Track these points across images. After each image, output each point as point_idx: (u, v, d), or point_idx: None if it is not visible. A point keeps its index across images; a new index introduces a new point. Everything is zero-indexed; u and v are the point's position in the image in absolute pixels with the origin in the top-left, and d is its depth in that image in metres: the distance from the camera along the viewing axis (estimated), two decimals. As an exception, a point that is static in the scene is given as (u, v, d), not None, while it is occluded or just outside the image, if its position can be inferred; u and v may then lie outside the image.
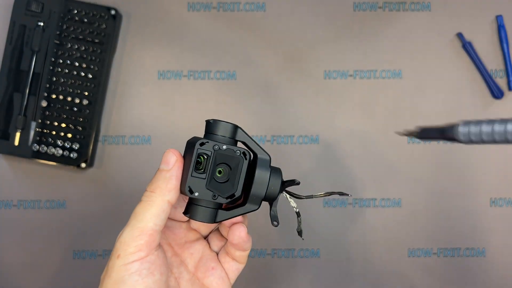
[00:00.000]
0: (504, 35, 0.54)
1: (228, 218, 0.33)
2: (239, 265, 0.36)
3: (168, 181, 0.32)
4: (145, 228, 0.31)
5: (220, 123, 0.33)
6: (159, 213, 0.31)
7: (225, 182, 0.32)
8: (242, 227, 0.34)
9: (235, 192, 0.32)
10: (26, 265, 0.54)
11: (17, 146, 0.52)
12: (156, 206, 0.31)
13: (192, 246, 0.36)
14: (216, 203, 0.32)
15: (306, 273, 0.54)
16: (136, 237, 0.31)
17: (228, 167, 0.32)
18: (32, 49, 0.53)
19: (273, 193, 0.33)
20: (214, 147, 0.32)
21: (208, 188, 0.32)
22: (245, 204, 0.33)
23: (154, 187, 0.32)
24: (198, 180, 0.32)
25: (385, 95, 0.55)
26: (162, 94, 0.55)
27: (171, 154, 0.33)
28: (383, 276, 0.54)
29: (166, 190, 0.32)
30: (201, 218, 0.32)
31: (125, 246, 0.31)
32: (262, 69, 0.55)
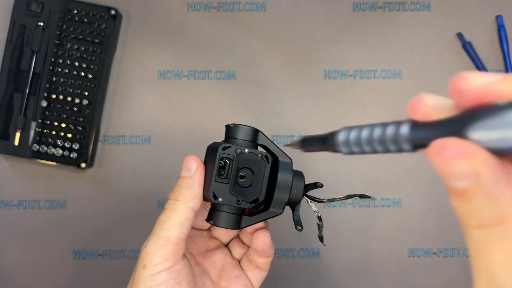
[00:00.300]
0: (504, 35, 0.54)
1: (252, 223, 0.32)
2: (263, 272, 0.35)
3: (191, 188, 0.31)
4: (171, 237, 0.30)
5: (241, 127, 0.33)
6: (183, 221, 0.31)
7: (248, 187, 0.32)
8: (266, 233, 0.33)
9: (259, 196, 0.32)
10: (26, 265, 0.54)
11: (17, 146, 0.52)
12: (181, 214, 0.31)
13: (213, 254, 0.36)
14: (240, 209, 0.32)
15: (306, 273, 0.54)
16: (161, 246, 0.30)
17: (251, 171, 0.32)
18: (32, 49, 0.53)
19: (296, 197, 0.32)
20: (237, 151, 0.31)
21: (231, 193, 0.31)
22: (268, 209, 0.32)
23: (177, 194, 0.31)
24: (222, 185, 0.31)
25: (385, 95, 0.55)
26: (162, 94, 0.55)
27: (191, 160, 0.32)
28: (383, 276, 0.54)
29: (189, 198, 0.31)
30: (225, 224, 0.32)
31: (151, 256, 0.30)
32: (262, 69, 0.55)
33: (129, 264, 0.54)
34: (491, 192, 0.15)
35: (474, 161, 0.15)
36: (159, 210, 0.54)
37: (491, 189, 0.15)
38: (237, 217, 0.32)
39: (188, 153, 0.54)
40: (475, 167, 0.15)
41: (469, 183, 0.15)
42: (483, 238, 0.15)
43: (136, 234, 0.54)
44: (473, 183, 0.15)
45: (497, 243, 0.15)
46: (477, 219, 0.15)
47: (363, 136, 0.21)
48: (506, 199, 0.15)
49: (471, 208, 0.16)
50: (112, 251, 0.54)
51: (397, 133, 0.19)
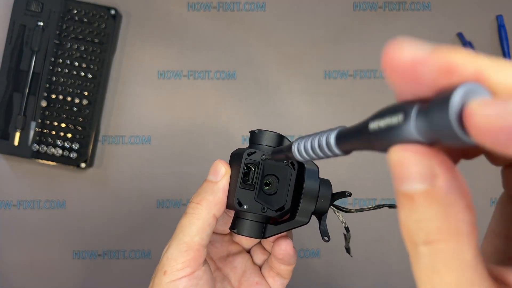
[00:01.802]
0: (505, 35, 0.54)
1: (278, 233, 0.31)
2: (284, 280, 0.35)
3: (215, 194, 0.30)
4: (192, 243, 0.30)
5: (266, 133, 0.32)
6: (204, 227, 0.30)
7: (273, 194, 0.31)
8: (288, 241, 0.32)
9: (284, 204, 0.31)
10: (25, 265, 0.54)
11: (16, 146, 0.52)
12: (202, 219, 0.30)
13: (234, 259, 0.35)
14: (265, 217, 0.31)
15: (306, 273, 0.54)
16: (183, 252, 0.30)
17: (276, 178, 0.31)
18: (32, 49, 0.52)
19: (323, 206, 0.31)
20: (262, 157, 0.30)
21: (257, 200, 0.30)
22: (294, 217, 0.31)
23: (200, 198, 0.31)
24: (247, 192, 0.30)
25: (385, 95, 0.55)
26: (162, 94, 0.55)
27: (220, 165, 0.31)
28: (383, 276, 0.54)
29: (212, 203, 0.30)
30: (249, 233, 0.31)
31: (172, 262, 0.30)
32: (262, 69, 0.55)
33: (129, 264, 0.54)
34: (444, 198, 0.13)
35: (432, 161, 0.14)
36: (159, 210, 0.54)
37: (445, 195, 0.13)
38: (261, 226, 0.31)
39: (187, 153, 0.55)
40: (432, 168, 0.14)
41: (423, 186, 0.14)
42: (432, 257, 0.14)
43: (136, 234, 0.54)
44: (427, 186, 0.14)
45: (449, 262, 0.13)
46: (426, 232, 0.14)
47: (308, 145, 0.22)
48: (458, 208, 0.13)
49: (420, 218, 0.14)
50: (112, 251, 0.54)
51: (328, 142, 0.20)
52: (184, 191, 0.54)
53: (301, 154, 0.22)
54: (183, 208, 0.54)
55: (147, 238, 0.54)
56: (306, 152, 0.22)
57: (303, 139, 0.22)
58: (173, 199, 0.54)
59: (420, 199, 0.13)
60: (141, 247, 0.54)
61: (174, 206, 0.54)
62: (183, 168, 0.54)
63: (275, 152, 0.27)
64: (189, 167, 0.54)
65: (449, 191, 0.13)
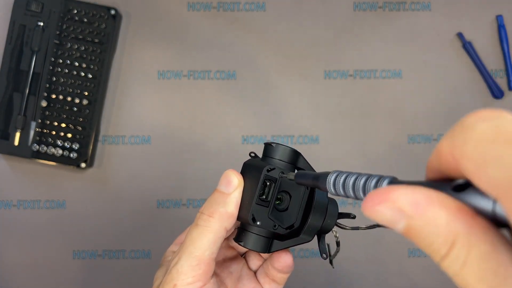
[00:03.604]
0: (505, 35, 0.54)
1: (283, 248, 0.31)
2: (279, 286, 0.35)
3: (228, 206, 0.30)
4: (203, 257, 0.29)
5: (283, 148, 0.31)
6: (216, 240, 0.30)
7: (284, 211, 0.31)
8: (288, 253, 0.32)
9: (294, 222, 0.30)
10: (25, 265, 0.54)
11: (16, 146, 0.52)
12: (214, 233, 0.29)
13: (230, 265, 0.35)
14: (273, 233, 0.31)
15: (306, 273, 0.54)
16: (194, 266, 0.29)
17: (288, 196, 0.31)
18: (32, 49, 0.52)
19: (329, 225, 0.31)
20: (280, 174, 0.30)
21: (270, 218, 0.30)
22: (299, 234, 0.31)
23: (212, 211, 0.30)
24: (261, 208, 0.30)
25: (385, 95, 0.55)
26: (162, 94, 0.55)
27: (233, 175, 0.30)
28: (383, 276, 0.54)
29: (225, 216, 0.30)
30: (256, 247, 0.31)
31: (182, 275, 0.29)
32: (262, 69, 0.55)
33: (129, 264, 0.54)
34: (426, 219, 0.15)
35: (393, 203, 0.16)
36: (159, 210, 0.54)
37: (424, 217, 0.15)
38: (268, 241, 0.31)
39: (188, 153, 0.55)
40: (396, 207, 0.15)
41: (404, 222, 0.15)
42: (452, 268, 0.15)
43: (136, 234, 0.54)
44: (406, 220, 0.15)
45: (464, 267, 0.15)
46: (435, 251, 0.15)
47: (350, 182, 0.21)
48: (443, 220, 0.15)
49: (425, 242, 0.15)
50: (112, 251, 0.54)
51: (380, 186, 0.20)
52: (184, 191, 0.54)
53: (337, 187, 0.22)
54: (183, 208, 0.54)
55: (147, 238, 0.54)
56: (345, 188, 0.21)
57: (343, 173, 0.22)
58: (173, 199, 0.54)
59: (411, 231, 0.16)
60: (141, 247, 0.54)
61: (174, 206, 0.54)
62: (183, 168, 0.54)
63: (301, 176, 0.26)
64: (189, 167, 0.54)
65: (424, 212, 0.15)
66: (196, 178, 0.54)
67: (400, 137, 0.55)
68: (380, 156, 0.55)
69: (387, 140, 0.54)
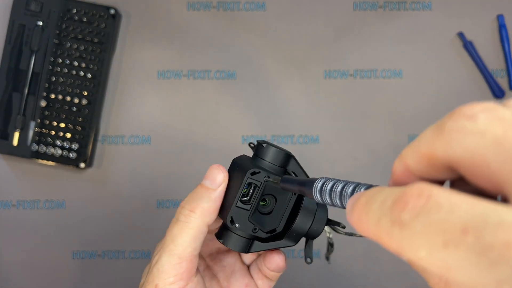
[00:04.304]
0: (505, 34, 0.54)
1: (262, 250, 0.31)
2: (271, 282, 0.34)
3: (212, 202, 0.29)
4: (184, 254, 0.28)
5: (274, 150, 0.30)
6: (198, 236, 0.29)
7: (267, 214, 0.30)
8: (281, 255, 0.32)
9: (277, 227, 0.30)
10: (25, 265, 0.54)
11: (16, 146, 0.52)
12: (196, 228, 0.29)
13: (224, 258, 0.34)
14: (255, 235, 0.30)
15: (306, 273, 0.54)
16: (175, 265, 0.28)
17: (274, 199, 0.30)
18: (31, 49, 0.52)
19: (315, 232, 0.30)
20: (265, 179, 0.29)
21: (250, 221, 0.29)
22: (282, 238, 0.30)
23: (195, 206, 0.29)
24: (242, 211, 0.29)
25: (385, 95, 0.55)
26: (162, 94, 0.55)
27: (218, 171, 0.30)
28: (383, 276, 0.54)
29: (208, 212, 0.29)
30: (235, 246, 0.30)
31: (164, 275, 0.28)
32: (262, 69, 0.55)
33: (129, 264, 0.54)
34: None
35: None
36: (159, 210, 0.54)
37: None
38: (248, 242, 0.30)
39: (187, 153, 0.55)
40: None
41: None
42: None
43: (136, 234, 0.54)
44: None
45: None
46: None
47: (338, 189, 0.20)
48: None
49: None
50: (112, 251, 0.54)
51: None
52: (184, 191, 0.54)
53: (323, 195, 0.21)
54: (183, 208, 0.54)
55: (147, 238, 0.54)
56: (332, 196, 0.20)
57: (330, 180, 0.21)
58: (173, 199, 0.54)
59: None
60: (141, 247, 0.54)
61: (174, 206, 0.54)
62: (183, 168, 0.54)
63: (286, 181, 0.25)
64: (189, 167, 0.54)
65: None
66: (196, 178, 0.54)
67: (400, 137, 0.54)
68: (380, 156, 0.54)
69: (387, 140, 0.54)
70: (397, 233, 0.13)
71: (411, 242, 0.13)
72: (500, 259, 0.11)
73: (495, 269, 0.11)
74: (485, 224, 0.11)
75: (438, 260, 0.12)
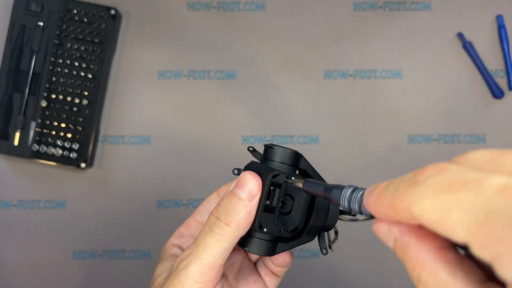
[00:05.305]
0: (505, 35, 0.54)
1: (285, 250, 0.31)
2: (278, 278, 0.35)
3: (248, 217, 0.29)
4: (215, 264, 0.29)
5: (283, 151, 0.30)
6: (230, 248, 0.29)
7: (287, 214, 0.30)
8: (287, 252, 0.32)
9: (298, 225, 0.30)
10: (25, 265, 0.54)
11: (16, 146, 0.52)
12: (230, 242, 0.29)
13: (232, 256, 0.34)
14: (278, 236, 0.30)
15: (306, 273, 0.54)
16: (204, 273, 0.28)
17: (292, 198, 0.30)
18: (32, 49, 0.52)
19: (330, 224, 0.31)
20: (284, 179, 0.29)
21: (275, 223, 0.29)
22: (301, 235, 0.31)
23: (231, 220, 0.28)
24: (267, 215, 0.29)
25: (385, 95, 0.55)
26: (162, 94, 0.55)
27: (255, 182, 0.29)
28: (383, 276, 0.54)
29: (243, 227, 0.29)
30: (260, 251, 0.31)
31: (191, 281, 0.28)
32: (262, 69, 0.55)
33: (129, 264, 0.54)
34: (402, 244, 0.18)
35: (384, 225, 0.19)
36: (159, 210, 0.54)
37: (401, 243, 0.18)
38: (272, 244, 0.31)
39: (187, 153, 0.55)
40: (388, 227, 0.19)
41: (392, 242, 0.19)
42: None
43: (136, 234, 0.54)
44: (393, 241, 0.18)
45: None
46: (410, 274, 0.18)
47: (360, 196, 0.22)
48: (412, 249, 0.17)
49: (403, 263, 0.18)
50: (112, 251, 0.54)
51: None
52: (184, 191, 0.54)
53: (352, 204, 0.22)
54: (183, 208, 0.54)
55: (147, 238, 0.54)
56: (363, 206, 0.22)
57: (360, 189, 0.22)
58: (173, 199, 0.54)
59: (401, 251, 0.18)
60: (141, 247, 0.54)
61: (174, 206, 0.54)
62: (183, 168, 0.54)
63: (310, 185, 0.26)
64: (189, 167, 0.54)
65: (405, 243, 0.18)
66: (196, 178, 0.54)
67: (400, 137, 0.54)
68: (380, 156, 0.54)
69: (387, 140, 0.54)
70: (411, 190, 0.16)
71: (421, 193, 0.15)
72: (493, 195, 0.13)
73: (488, 203, 0.13)
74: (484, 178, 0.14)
75: (440, 204, 0.15)
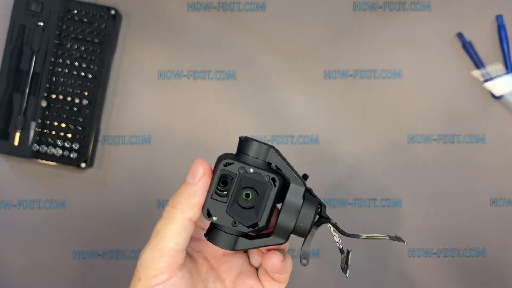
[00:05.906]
0: (504, 35, 0.54)
1: (248, 248, 0.30)
2: (281, 285, 0.33)
3: (192, 197, 0.29)
4: (166, 248, 0.29)
5: (251, 143, 0.30)
6: (180, 231, 0.29)
7: (250, 209, 0.29)
8: (275, 256, 0.31)
9: (258, 221, 0.29)
10: (25, 265, 0.54)
11: (16, 146, 0.52)
12: (177, 223, 0.29)
13: (230, 259, 0.34)
14: (241, 231, 0.30)
15: (306, 273, 0.54)
16: (157, 259, 0.29)
17: (256, 192, 0.29)
18: (32, 49, 0.53)
19: (304, 227, 0.29)
20: (240, 170, 0.29)
21: (228, 213, 0.29)
22: (270, 235, 0.30)
23: (176, 202, 0.29)
24: (219, 204, 0.29)
25: (385, 95, 0.55)
26: (162, 94, 0.55)
27: (199, 165, 0.30)
28: (383, 276, 0.54)
29: (188, 207, 0.29)
30: (220, 243, 0.30)
31: (146, 268, 0.29)
32: (262, 69, 0.55)
33: (129, 264, 0.54)
34: None
35: None
36: (159, 210, 0.54)
37: None
38: (233, 238, 0.30)
39: (187, 153, 0.55)
40: None
41: None
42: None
43: (136, 234, 0.54)
44: None
45: None
46: None
47: None
48: None
49: None
50: (112, 251, 0.54)
51: None
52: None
53: None
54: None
55: (147, 238, 0.54)
56: None
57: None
58: (173, 199, 0.54)
59: None
60: (141, 247, 0.54)
61: (174, 206, 0.54)
62: (183, 168, 0.54)
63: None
64: (189, 167, 0.54)
65: None
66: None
67: (400, 137, 0.55)
68: (380, 156, 0.55)
69: (387, 140, 0.54)
70: None
71: None
72: None
73: None
74: None
75: None
